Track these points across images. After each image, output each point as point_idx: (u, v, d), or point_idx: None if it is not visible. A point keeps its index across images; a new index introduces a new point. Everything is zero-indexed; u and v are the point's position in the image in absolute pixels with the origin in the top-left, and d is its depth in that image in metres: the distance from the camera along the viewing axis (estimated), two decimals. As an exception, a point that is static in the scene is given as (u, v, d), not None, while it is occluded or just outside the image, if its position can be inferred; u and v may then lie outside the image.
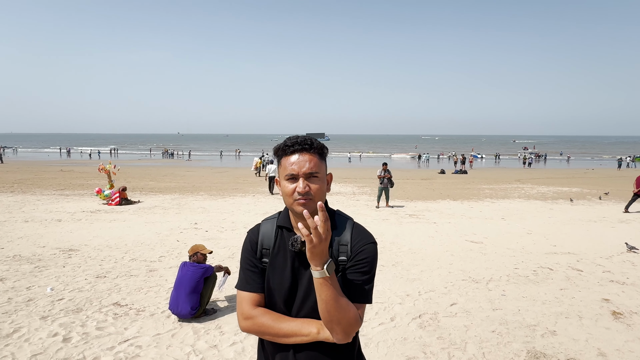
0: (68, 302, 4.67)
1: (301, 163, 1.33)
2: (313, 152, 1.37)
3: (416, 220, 10.46)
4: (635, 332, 4.08)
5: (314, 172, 1.34)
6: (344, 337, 1.29)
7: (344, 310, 1.26)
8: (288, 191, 1.34)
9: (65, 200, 13.05)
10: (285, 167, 1.36)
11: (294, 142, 1.36)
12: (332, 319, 1.26)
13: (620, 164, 37.62)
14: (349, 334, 1.29)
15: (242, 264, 1.46)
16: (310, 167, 1.33)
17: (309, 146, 1.36)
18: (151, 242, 7.70)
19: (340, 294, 1.27)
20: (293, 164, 1.34)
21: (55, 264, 6.17)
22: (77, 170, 26.46)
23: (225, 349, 3.67)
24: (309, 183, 1.33)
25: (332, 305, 1.24)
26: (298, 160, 1.34)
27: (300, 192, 1.31)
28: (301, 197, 1.32)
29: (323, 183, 1.38)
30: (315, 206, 1.33)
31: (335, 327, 1.27)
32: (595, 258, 6.84)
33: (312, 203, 1.33)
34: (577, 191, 17.19)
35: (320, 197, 1.35)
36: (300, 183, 1.32)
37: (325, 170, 1.42)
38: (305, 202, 1.32)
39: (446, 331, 4.07)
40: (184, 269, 4.34)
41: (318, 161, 1.37)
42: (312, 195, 1.33)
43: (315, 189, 1.33)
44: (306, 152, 1.36)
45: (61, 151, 59.65)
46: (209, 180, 21.17)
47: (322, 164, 1.39)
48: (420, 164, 42.06)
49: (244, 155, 56.26)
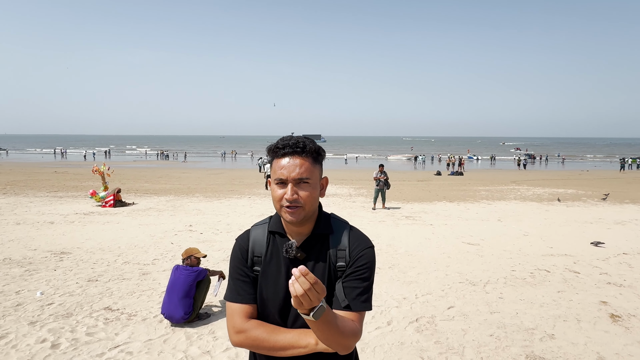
0: (58, 306, 4.57)
1: (291, 167, 1.24)
2: (305, 156, 1.27)
3: (413, 222, 10.42)
4: (634, 335, 4.04)
5: (305, 178, 1.25)
6: (345, 351, 1.23)
7: (342, 333, 1.17)
8: (276, 196, 1.27)
9: (59, 202, 12.90)
10: (275, 170, 1.28)
11: (285, 144, 1.27)
12: (331, 342, 1.18)
13: (623, 165, 35.62)
14: (350, 347, 1.23)
15: (232, 273, 1.36)
16: (300, 173, 1.24)
17: (300, 149, 1.26)
18: (145, 244, 7.59)
19: (335, 319, 1.15)
20: (282, 167, 1.25)
21: (46, 267, 6.05)
22: (71, 171, 26.22)
23: (218, 355, 3.59)
24: (298, 190, 1.25)
25: (329, 334, 1.15)
26: (288, 164, 1.25)
27: (288, 199, 1.23)
28: (289, 204, 1.24)
29: (314, 189, 1.29)
30: (304, 214, 1.26)
31: (336, 346, 1.20)
32: (592, 260, 6.82)
33: (302, 211, 1.25)
34: (573, 193, 17.25)
35: (310, 203, 1.26)
36: (289, 190, 1.24)
37: (320, 175, 1.33)
38: (294, 211, 1.24)
39: (444, 335, 4.01)
40: (177, 273, 4.26)
41: (310, 166, 1.27)
42: (301, 203, 1.25)
43: (304, 196, 1.25)
44: (298, 155, 1.26)
45: (55, 152, 59.17)
46: (205, 182, 21.04)
47: (315, 168, 1.30)
48: (417, 166, 42.12)
49: (240, 157, 56.13)
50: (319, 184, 1.32)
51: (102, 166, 13.96)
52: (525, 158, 43.85)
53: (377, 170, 12.72)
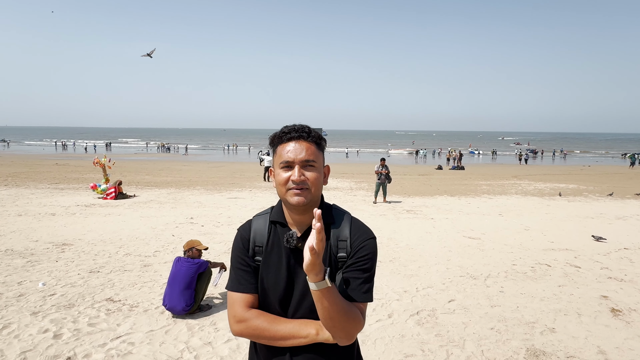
0: (60, 297, 4.59)
1: (297, 150, 1.27)
2: (310, 141, 1.30)
3: (414, 216, 10.41)
4: (635, 329, 4.05)
5: (311, 160, 1.27)
6: (347, 340, 1.22)
7: (347, 315, 1.18)
8: (282, 180, 1.26)
9: (60, 194, 12.91)
10: (280, 154, 1.29)
11: (291, 130, 1.30)
12: (334, 325, 1.19)
13: (634, 162, 32.46)
14: (353, 336, 1.23)
15: (233, 263, 1.37)
16: (308, 155, 1.27)
17: (306, 134, 1.30)
18: (146, 236, 7.60)
19: (341, 299, 1.19)
20: (289, 151, 1.27)
21: (48, 258, 6.07)
22: (72, 164, 26.24)
23: (219, 346, 3.60)
24: (304, 172, 1.26)
25: (335, 313, 1.16)
26: (294, 147, 1.27)
27: (295, 180, 1.24)
28: (296, 186, 1.24)
29: (320, 173, 1.30)
30: (311, 197, 1.26)
31: (339, 332, 1.20)
32: (593, 255, 6.81)
33: (308, 193, 1.25)
34: (574, 188, 17.21)
35: (316, 187, 1.27)
36: (296, 171, 1.24)
37: (323, 162, 1.35)
38: (300, 192, 1.24)
39: (444, 328, 4.02)
40: (178, 265, 4.26)
41: (315, 150, 1.30)
42: (308, 185, 1.25)
43: (312, 177, 1.26)
44: (303, 140, 1.29)
45: (57, 144, 59.19)
46: (206, 175, 21.04)
47: (319, 154, 1.32)
48: (418, 160, 42.06)
49: (240, 149, 56.10)
50: (322, 170, 1.33)
51: (103, 158, 13.96)
52: (527, 153, 43.72)
53: (378, 164, 12.69)
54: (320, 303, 1.16)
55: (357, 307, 1.24)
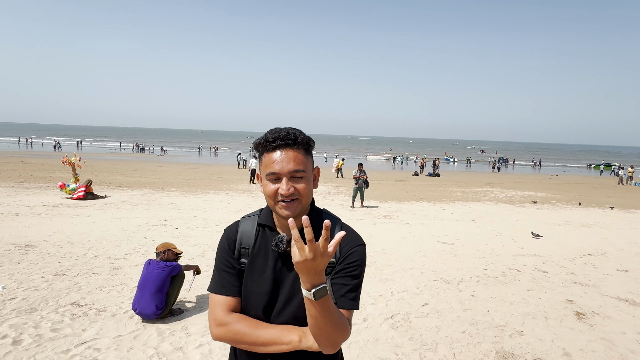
0: (21, 301, 4.35)
1: (284, 161, 1.18)
2: (298, 148, 1.21)
3: (390, 221, 10.53)
4: (597, 332, 4.22)
5: (300, 170, 1.19)
6: (332, 348, 1.17)
7: (335, 324, 1.13)
8: (270, 192, 1.20)
9: (25, 193, 12.32)
10: (266, 164, 1.20)
11: (276, 137, 1.20)
12: (321, 334, 1.13)
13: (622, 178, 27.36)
14: (338, 345, 1.18)
15: (217, 264, 1.31)
16: (296, 164, 1.18)
17: (292, 141, 1.20)
18: (117, 238, 7.35)
19: (332, 309, 1.12)
20: (275, 162, 1.18)
21: (9, 260, 5.76)
22: (39, 162, 25.11)
23: (191, 352, 3.51)
24: (293, 184, 1.19)
25: (323, 322, 1.11)
26: (281, 157, 1.18)
27: (284, 193, 1.17)
28: (285, 199, 1.18)
29: (309, 182, 1.23)
30: (301, 208, 1.21)
31: (325, 341, 1.15)
32: (560, 260, 7.08)
33: (298, 204, 1.20)
34: (543, 196, 17.88)
35: (307, 196, 1.22)
36: (284, 184, 1.17)
37: (312, 166, 1.27)
38: (290, 205, 1.18)
39: (418, 332, 4.07)
40: (150, 267, 4.14)
41: (304, 157, 1.22)
42: (298, 196, 1.19)
43: (301, 189, 1.19)
44: (290, 147, 1.20)
45: (20, 142, 56.50)
46: (182, 176, 20.60)
47: (308, 160, 1.24)
48: (395, 166, 42.66)
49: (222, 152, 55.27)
50: (312, 175, 1.27)
51: (73, 157, 13.43)
52: (500, 161, 45.24)
53: (356, 169, 12.79)
54: (309, 309, 1.11)
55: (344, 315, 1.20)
